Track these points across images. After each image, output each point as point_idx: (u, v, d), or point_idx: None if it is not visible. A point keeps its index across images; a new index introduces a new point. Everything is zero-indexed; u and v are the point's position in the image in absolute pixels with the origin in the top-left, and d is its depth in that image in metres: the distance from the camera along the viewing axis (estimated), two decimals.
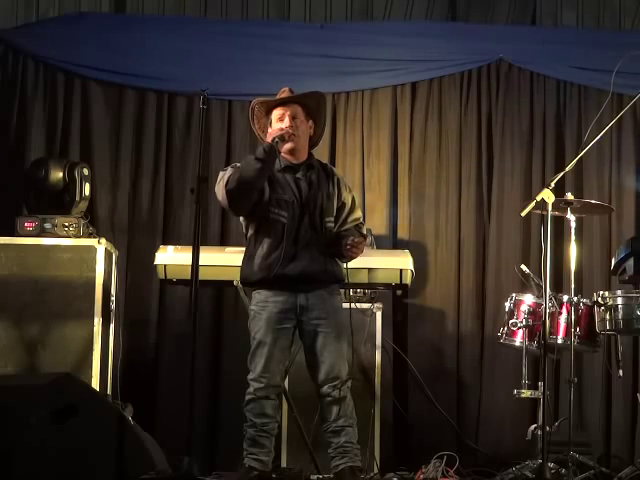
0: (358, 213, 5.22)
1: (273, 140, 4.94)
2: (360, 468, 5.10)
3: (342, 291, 6.05)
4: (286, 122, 5.02)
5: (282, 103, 5.09)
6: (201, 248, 4.84)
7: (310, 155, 5.15)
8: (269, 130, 5.10)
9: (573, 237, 5.65)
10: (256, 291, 5.07)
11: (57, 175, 6.16)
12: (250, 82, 6.66)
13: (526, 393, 5.66)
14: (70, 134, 6.84)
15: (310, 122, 5.13)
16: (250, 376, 5.00)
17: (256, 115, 5.17)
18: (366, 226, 6.53)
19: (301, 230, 4.98)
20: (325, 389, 4.98)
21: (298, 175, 5.06)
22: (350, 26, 7.03)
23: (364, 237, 5.21)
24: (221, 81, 6.74)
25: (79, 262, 5.94)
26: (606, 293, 5.60)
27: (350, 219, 5.16)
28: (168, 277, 6.02)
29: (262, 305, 5.01)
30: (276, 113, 5.08)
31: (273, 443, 5.06)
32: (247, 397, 5.00)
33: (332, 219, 5.07)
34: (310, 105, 5.14)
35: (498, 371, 6.63)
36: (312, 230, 5.00)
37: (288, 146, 5.03)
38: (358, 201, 6.04)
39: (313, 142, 5.20)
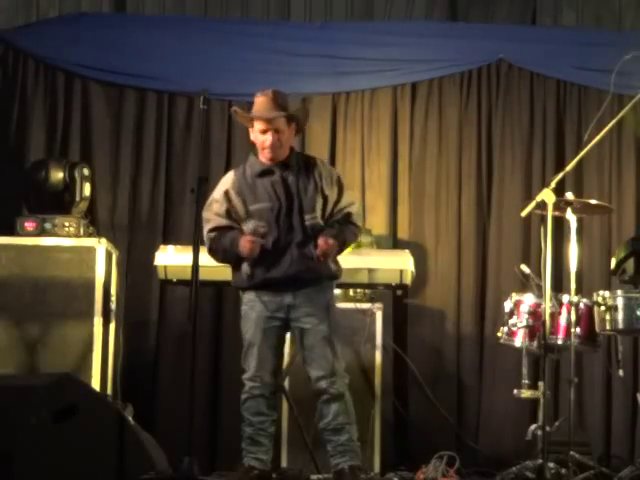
0: (346, 202, 5.12)
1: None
2: (360, 467, 5.10)
3: (342, 291, 6.09)
4: (269, 139, 4.98)
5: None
6: (201, 248, 4.85)
7: (290, 152, 5.10)
8: (251, 134, 5.06)
9: (573, 237, 5.64)
10: (245, 291, 5.10)
11: (57, 176, 6.17)
12: (250, 82, 6.63)
13: (526, 393, 5.66)
14: (70, 134, 6.83)
15: (292, 124, 5.09)
16: (245, 376, 5.03)
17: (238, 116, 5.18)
18: (366, 226, 6.54)
19: (281, 234, 4.97)
20: (321, 385, 4.98)
21: (274, 178, 5.04)
22: (350, 26, 7.02)
23: (356, 226, 5.15)
24: (221, 81, 6.74)
25: (79, 262, 5.94)
26: (606, 293, 5.59)
27: (336, 210, 5.10)
28: (168, 277, 6.03)
29: (251, 305, 5.05)
30: (258, 124, 5.03)
31: (272, 442, 5.07)
32: (243, 396, 5.03)
33: (314, 215, 5.03)
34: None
35: (498, 371, 6.62)
36: (293, 232, 4.99)
37: (269, 156, 5.02)
38: (358, 201, 6.01)
39: (297, 132, 5.18)
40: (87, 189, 6.25)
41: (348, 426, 5.01)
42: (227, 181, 5.09)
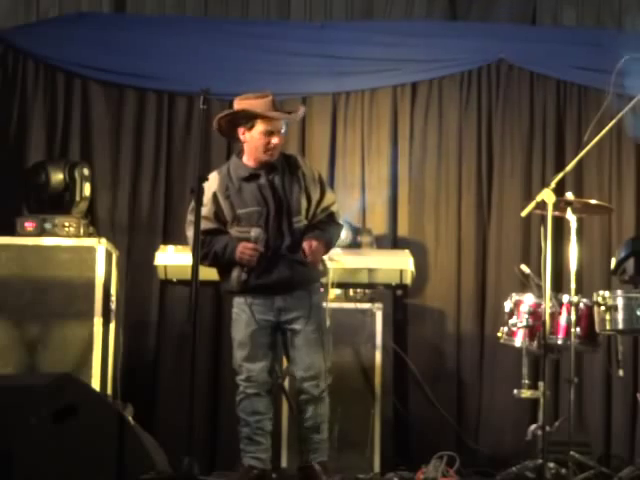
0: (329, 201, 5.11)
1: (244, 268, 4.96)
2: (327, 463, 5.11)
3: (342, 291, 6.09)
4: (275, 141, 4.96)
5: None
6: None
7: None
8: (244, 134, 5.01)
9: (573, 237, 5.64)
10: (236, 295, 5.11)
11: (57, 176, 6.16)
12: (250, 82, 6.61)
13: (526, 393, 5.66)
14: (70, 134, 6.84)
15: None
16: (238, 377, 5.06)
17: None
18: (366, 226, 6.53)
19: (271, 239, 4.98)
20: (304, 385, 5.00)
21: (261, 181, 5.02)
22: (350, 26, 7.02)
23: (338, 225, 5.17)
24: (221, 81, 6.73)
25: (79, 262, 5.93)
26: (606, 293, 5.59)
27: (319, 210, 5.09)
28: (168, 277, 6.03)
29: (242, 308, 5.06)
30: (263, 126, 4.99)
31: (270, 441, 5.08)
32: (238, 397, 5.07)
33: (300, 218, 5.03)
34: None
35: (498, 371, 6.62)
36: (282, 236, 4.99)
37: (271, 158, 5.00)
38: (358, 200, 6.04)
39: None
40: (87, 189, 6.25)
41: (324, 425, 5.07)
42: (213, 183, 5.02)
